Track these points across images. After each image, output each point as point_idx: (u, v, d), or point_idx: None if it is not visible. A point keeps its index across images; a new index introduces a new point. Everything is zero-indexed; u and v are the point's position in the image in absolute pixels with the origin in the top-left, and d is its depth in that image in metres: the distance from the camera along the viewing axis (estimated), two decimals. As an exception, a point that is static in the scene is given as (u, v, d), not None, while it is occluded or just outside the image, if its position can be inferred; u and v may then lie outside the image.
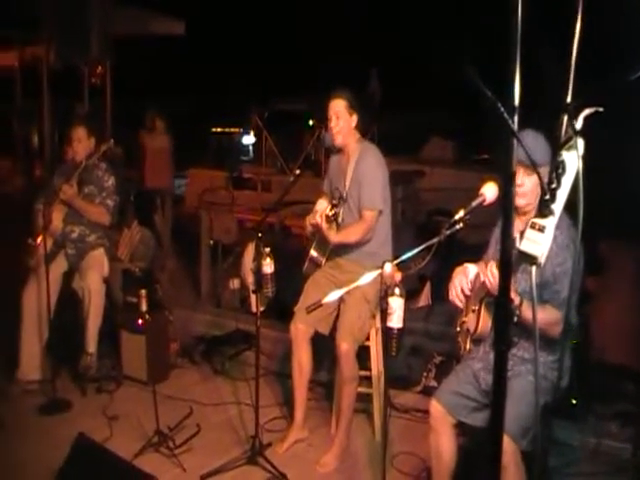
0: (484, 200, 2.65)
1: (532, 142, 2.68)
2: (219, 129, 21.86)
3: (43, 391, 4.71)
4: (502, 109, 1.26)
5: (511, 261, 1.37)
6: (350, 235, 3.96)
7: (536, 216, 1.62)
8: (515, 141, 1.30)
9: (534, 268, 1.58)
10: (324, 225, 3.88)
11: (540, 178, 1.57)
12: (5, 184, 10.96)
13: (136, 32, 8.18)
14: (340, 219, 3.99)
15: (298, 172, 4.16)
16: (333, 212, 3.85)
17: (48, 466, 3.57)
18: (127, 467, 3.26)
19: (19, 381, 4.74)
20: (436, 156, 11.23)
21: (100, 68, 7.90)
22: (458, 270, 3.14)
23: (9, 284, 5.07)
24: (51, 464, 3.53)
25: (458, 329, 3.17)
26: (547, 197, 1.55)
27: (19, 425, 4.33)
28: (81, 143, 4.91)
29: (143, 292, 4.31)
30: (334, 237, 3.94)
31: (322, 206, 4.25)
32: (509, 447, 2.70)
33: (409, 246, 2.84)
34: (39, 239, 4.71)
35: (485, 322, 2.89)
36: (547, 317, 2.74)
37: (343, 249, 4.06)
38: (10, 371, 4.82)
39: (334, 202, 3.88)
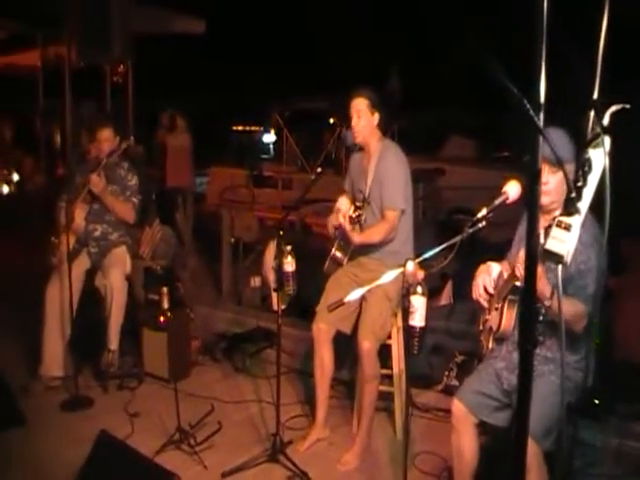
0: (507, 198, 2.64)
1: (557, 139, 2.65)
2: (240, 127, 21.93)
3: (65, 388, 4.75)
4: (528, 106, 1.24)
5: (537, 259, 1.35)
6: (373, 235, 3.94)
7: (562, 214, 1.60)
8: (540, 138, 1.29)
9: (560, 267, 1.57)
10: (347, 226, 3.87)
11: (566, 175, 1.55)
12: (28, 182, 11.07)
13: (157, 31, 8.21)
14: (363, 219, 3.98)
15: (319, 170, 4.13)
16: (357, 214, 3.82)
17: (70, 462, 3.60)
18: (149, 464, 3.27)
19: (42, 378, 4.78)
20: (456, 154, 11.16)
21: (122, 67, 7.94)
22: (481, 269, 3.12)
23: (32, 282, 5.12)
24: (73, 460, 3.55)
25: (481, 327, 3.16)
26: (573, 195, 1.53)
27: (42, 421, 4.36)
28: (107, 143, 4.95)
29: (164, 290, 4.34)
30: (357, 238, 3.92)
31: (343, 204, 4.24)
32: (531, 448, 2.67)
33: (430, 244, 2.82)
34: (62, 237, 4.74)
35: (508, 320, 2.87)
36: (573, 310, 2.72)
37: (365, 248, 4.04)
38: (33, 368, 4.86)
39: (357, 204, 3.86)
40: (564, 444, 2.70)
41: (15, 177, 11.67)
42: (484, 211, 2.60)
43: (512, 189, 2.62)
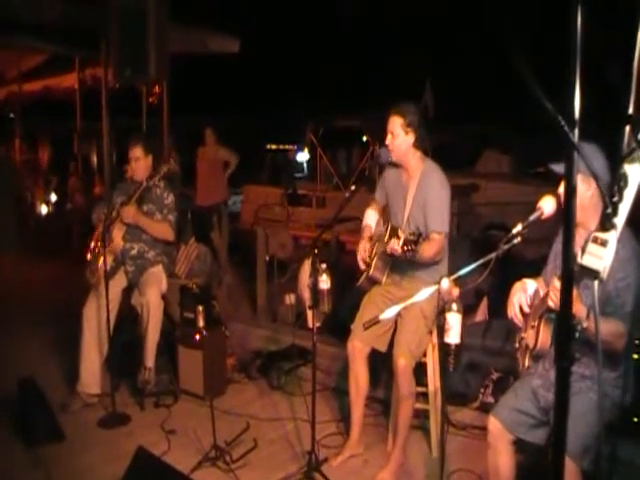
0: (542, 214, 2.62)
1: (590, 154, 2.63)
2: (274, 146, 22.10)
3: (103, 405, 4.80)
4: (563, 122, 1.24)
5: (572, 275, 1.34)
6: (424, 253, 3.77)
7: (598, 230, 1.59)
8: (575, 154, 1.28)
9: (596, 282, 1.55)
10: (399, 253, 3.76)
11: (601, 190, 1.55)
12: (68, 202, 11.26)
13: (192, 50, 8.31)
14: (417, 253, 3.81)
15: (353, 188, 4.13)
16: (409, 248, 3.64)
17: (107, 477, 3.65)
18: (185, 481, 3.29)
19: (80, 395, 4.83)
20: (491, 170, 11.12)
21: (157, 87, 8.05)
22: (517, 286, 3.10)
23: (71, 300, 5.19)
24: (110, 476, 3.60)
25: (517, 345, 3.13)
26: (609, 210, 1.52)
27: (79, 438, 4.41)
28: (139, 162, 5.01)
29: (200, 308, 4.36)
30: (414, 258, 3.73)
31: (371, 218, 4.24)
32: (569, 466, 2.63)
33: (465, 261, 2.82)
34: (100, 256, 4.80)
35: (545, 338, 2.84)
36: (612, 329, 2.68)
37: (403, 266, 4.01)
38: (72, 385, 4.92)
39: (411, 238, 3.67)
40: (602, 463, 2.65)
41: (53, 197, 11.88)
42: (519, 227, 2.59)
43: (547, 205, 2.61)
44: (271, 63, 17.57)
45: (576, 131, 1.26)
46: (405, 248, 3.54)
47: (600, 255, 1.57)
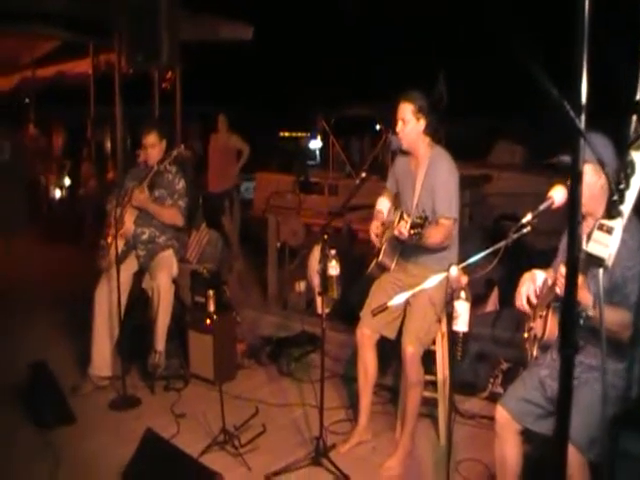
0: (552, 203, 2.62)
1: (596, 142, 2.62)
2: (287, 134, 22.09)
3: (114, 388, 4.85)
4: (568, 108, 1.24)
5: (578, 262, 1.34)
6: (430, 238, 3.81)
7: (604, 217, 1.59)
8: (582, 141, 1.28)
9: (601, 270, 1.55)
10: (407, 237, 3.77)
11: (608, 178, 1.55)
12: (81, 187, 11.32)
13: (205, 37, 8.30)
14: (423, 236, 3.83)
15: (364, 175, 4.12)
16: (415, 231, 3.65)
17: (117, 460, 3.69)
18: (193, 464, 3.32)
19: (91, 378, 4.88)
20: (504, 160, 11.06)
21: (170, 74, 8.05)
22: (526, 277, 3.09)
23: (82, 283, 5.22)
24: (120, 458, 3.64)
25: (525, 335, 3.13)
26: (615, 198, 1.51)
27: (90, 420, 4.46)
28: (155, 148, 5.03)
29: (211, 293, 4.38)
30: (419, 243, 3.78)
31: (383, 205, 4.24)
32: (575, 458, 2.64)
33: (476, 251, 2.81)
34: (111, 240, 4.84)
35: (553, 328, 2.84)
36: (619, 318, 2.68)
37: (412, 253, 4.02)
38: (83, 368, 4.97)
39: (418, 221, 3.70)
40: (606, 456, 2.65)
41: (67, 182, 11.94)
42: (529, 216, 2.59)
43: (558, 194, 2.60)
44: (284, 51, 17.52)
45: (582, 117, 1.26)
46: (412, 232, 3.55)
47: (605, 242, 1.57)
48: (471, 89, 13.91)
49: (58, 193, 11.87)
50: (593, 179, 2.79)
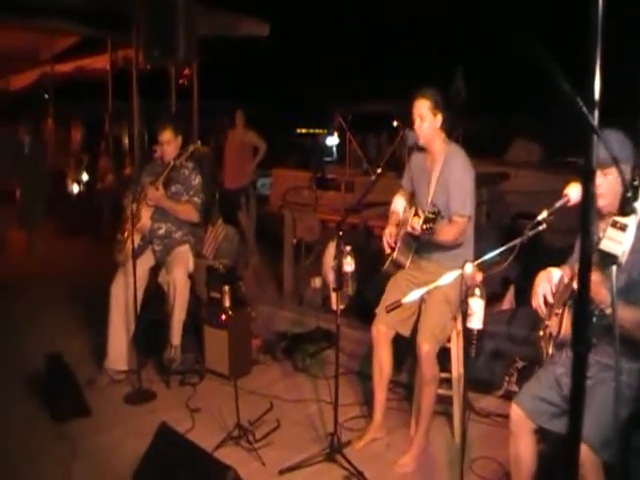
0: (568, 200, 2.60)
1: (610, 139, 2.59)
2: (303, 130, 22.10)
3: (129, 381, 4.89)
4: (581, 104, 1.23)
5: (590, 258, 1.34)
6: (447, 233, 3.86)
7: (617, 214, 1.57)
8: (595, 138, 1.27)
9: (614, 267, 1.54)
10: (419, 232, 3.78)
11: (622, 174, 1.53)
12: (99, 182, 11.39)
13: (222, 34, 8.31)
14: (434, 232, 3.78)
15: (379, 171, 4.12)
16: (428, 226, 3.67)
17: (131, 453, 3.71)
18: (207, 458, 3.33)
19: (107, 371, 4.91)
20: (521, 158, 11.01)
21: (187, 69, 8.07)
22: (541, 275, 3.07)
23: (99, 277, 5.26)
24: (134, 451, 3.66)
25: (541, 333, 3.11)
26: (629, 194, 1.50)
27: (105, 413, 4.49)
28: (170, 144, 5.05)
29: (226, 288, 4.39)
30: (431, 238, 3.79)
31: (399, 204, 4.23)
32: (589, 457, 2.62)
33: (493, 248, 2.80)
34: (128, 235, 4.86)
35: (568, 326, 2.82)
36: (634, 317, 2.65)
37: (427, 250, 4.02)
38: (99, 362, 5.01)
39: (430, 216, 3.72)
40: (620, 456, 2.63)
41: (84, 177, 12.01)
42: (545, 213, 2.57)
43: (573, 191, 2.58)
44: (301, 47, 17.53)
45: (596, 113, 1.25)
46: (424, 227, 3.56)
47: (619, 240, 1.56)
48: (488, 86, 13.85)
49: (76, 187, 11.93)
50: (620, 178, 2.75)
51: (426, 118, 3.94)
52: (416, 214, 3.79)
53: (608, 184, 2.77)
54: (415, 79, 4.47)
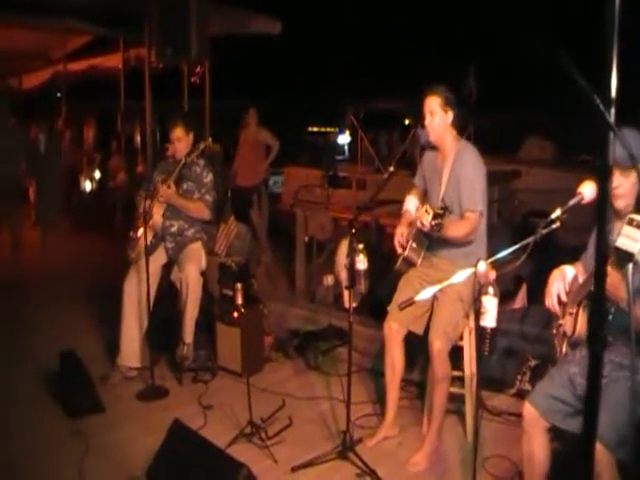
0: (582, 199, 2.58)
1: (630, 138, 2.58)
2: (315, 129, 22.10)
3: (142, 378, 4.90)
4: (598, 101, 1.22)
5: (607, 258, 1.33)
6: (458, 229, 3.85)
7: (633, 212, 1.57)
8: (612, 136, 1.26)
9: (630, 265, 1.53)
10: (428, 228, 3.78)
11: (639, 173, 1.53)
12: (112, 179, 11.45)
13: (234, 31, 8.32)
14: (443, 228, 3.84)
15: (391, 170, 4.12)
16: (436, 222, 3.69)
17: (144, 449, 3.73)
18: (220, 455, 3.34)
19: (119, 368, 4.93)
20: (534, 156, 10.98)
21: (199, 67, 8.09)
22: (555, 274, 3.06)
23: (112, 275, 5.28)
24: (147, 448, 3.68)
25: (555, 332, 3.10)
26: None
27: (118, 410, 4.51)
28: (182, 142, 5.06)
29: (239, 286, 4.40)
30: (440, 234, 3.80)
31: (411, 204, 4.23)
32: (603, 456, 2.61)
33: (505, 247, 2.79)
34: (140, 232, 4.88)
35: (583, 325, 2.81)
36: None
37: (439, 248, 4.02)
38: (112, 358, 5.03)
39: (438, 211, 3.72)
40: (635, 454, 2.61)
41: (97, 175, 12.07)
42: (558, 211, 2.56)
43: (587, 190, 2.57)
44: (313, 45, 17.52)
45: (612, 111, 1.24)
46: (433, 222, 3.56)
47: (635, 237, 1.55)
48: (500, 84, 13.81)
49: (88, 185, 12.00)
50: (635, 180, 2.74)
51: (437, 114, 3.93)
52: (426, 211, 3.79)
53: (629, 185, 2.75)
54: (427, 77, 4.45)
